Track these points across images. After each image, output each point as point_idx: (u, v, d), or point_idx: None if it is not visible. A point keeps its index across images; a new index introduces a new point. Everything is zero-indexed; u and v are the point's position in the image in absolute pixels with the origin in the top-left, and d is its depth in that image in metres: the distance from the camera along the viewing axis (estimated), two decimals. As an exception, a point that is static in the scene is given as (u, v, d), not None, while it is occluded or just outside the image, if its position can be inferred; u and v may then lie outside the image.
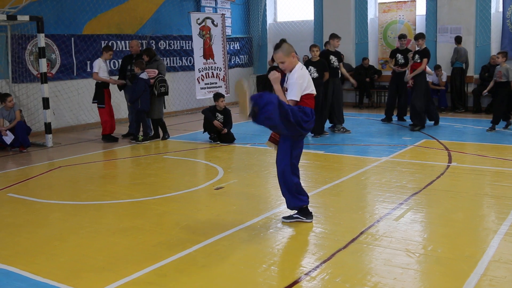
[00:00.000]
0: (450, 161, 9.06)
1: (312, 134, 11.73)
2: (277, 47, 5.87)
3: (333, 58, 12.18)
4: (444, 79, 15.83)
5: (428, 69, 12.99)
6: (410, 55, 13.23)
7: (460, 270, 4.71)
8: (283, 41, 5.92)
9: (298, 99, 5.78)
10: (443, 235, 5.69)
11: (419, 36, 12.54)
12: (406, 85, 13.17)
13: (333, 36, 12.34)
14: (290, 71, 5.88)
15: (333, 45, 12.35)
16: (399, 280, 4.54)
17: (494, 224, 5.95)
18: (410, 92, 13.01)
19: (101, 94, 12.02)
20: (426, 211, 6.56)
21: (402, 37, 14.15)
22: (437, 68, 15.81)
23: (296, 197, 6.12)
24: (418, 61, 12.44)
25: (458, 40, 15.32)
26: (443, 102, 15.81)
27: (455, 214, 6.35)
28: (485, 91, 13.02)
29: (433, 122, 13.18)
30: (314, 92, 5.94)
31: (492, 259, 4.93)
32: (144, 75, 11.66)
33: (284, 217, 6.28)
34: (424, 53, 12.44)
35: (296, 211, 6.23)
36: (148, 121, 12.15)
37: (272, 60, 14.03)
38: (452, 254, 5.10)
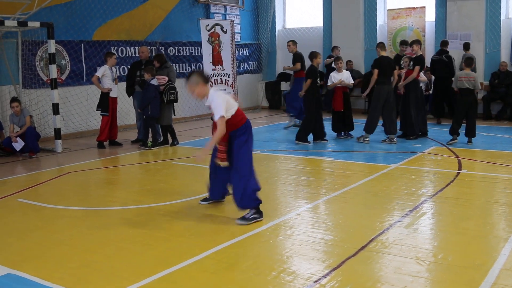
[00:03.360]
0: (460, 169, 9.02)
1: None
2: (186, 79, 6.42)
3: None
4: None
5: (422, 76, 12.76)
6: (405, 61, 12.66)
7: (471, 279, 4.68)
8: (191, 73, 6.40)
9: (224, 114, 6.19)
10: (454, 243, 5.66)
11: (413, 42, 12.39)
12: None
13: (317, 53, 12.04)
14: (206, 97, 6.35)
15: (316, 62, 11.91)
16: (409, 288, 4.52)
17: (505, 232, 5.91)
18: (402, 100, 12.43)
19: (106, 102, 12.06)
20: (436, 219, 6.54)
21: (403, 43, 13.95)
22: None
23: (252, 197, 6.41)
24: (411, 68, 12.16)
25: (466, 46, 15.24)
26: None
27: (465, 222, 6.31)
28: None
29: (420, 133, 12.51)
30: (236, 109, 6.41)
31: (503, 268, 4.89)
32: (154, 81, 11.68)
33: (238, 220, 6.42)
34: (417, 61, 12.12)
35: (252, 212, 6.45)
36: (157, 127, 12.17)
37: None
38: (463, 262, 5.07)
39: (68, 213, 7.11)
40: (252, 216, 6.43)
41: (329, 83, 12.60)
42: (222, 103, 6.21)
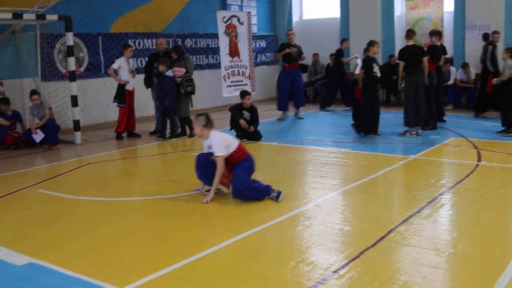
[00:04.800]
0: (479, 160, 8.96)
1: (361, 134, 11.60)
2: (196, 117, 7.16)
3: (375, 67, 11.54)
4: (472, 76, 15.63)
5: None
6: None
7: (490, 270, 4.66)
8: (201, 114, 7.19)
9: (224, 153, 6.89)
10: (473, 234, 5.63)
11: (432, 33, 12.32)
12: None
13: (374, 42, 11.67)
14: (207, 138, 7.08)
15: (372, 51, 11.53)
16: (428, 279, 4.50)
17: (525, 223, 5.89)
18: None
19: (122, 94, 12.12)
20: (455, 210, 6.51)
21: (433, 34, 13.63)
22: (464, 65, 15.61)
23: (262, 191, 6.95)
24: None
25: (485, 37, 15.08)
26: (472, 100, 15.60)
27: (484, 214, 6.28)
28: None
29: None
30: (236, 146, 7.05)
31: (524, 259, 4.87)
32: (169, 73, 11.72)
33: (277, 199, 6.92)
34: (428, 50, 12.09)
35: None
36: (175, 119, 12.23)
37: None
38: (482, 253, 5.05)
39: (88, 204, 7.18)
40: (278, 192, 6.96)
41: (356, 72, 12.61)
42: (220, 142, 6.93)
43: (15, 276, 4.83)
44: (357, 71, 12.55)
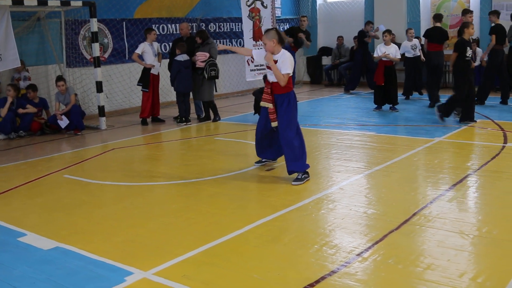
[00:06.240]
0: (505, 142, 8.84)
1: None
2: (265, 32, 7.13)
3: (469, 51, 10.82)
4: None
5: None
6: None
7: (516, 252, 4.62)
8: (270, 29, 7.20)
9: (291, 72, 6.88)
10: (499, 217, 5.57)
11: (489, 13, 12.50)
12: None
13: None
14: (277, 53, 6.94)
15: (468, 33, 10.78)
16: (453, 261, 4.47)
17: (552, 206, 5.80)
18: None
19: (146, 78, 12.17)
20: (481, 193, 6.44)
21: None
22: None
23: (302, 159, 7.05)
24: None
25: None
26: (498, 81, 15.34)
27: (510, 196, 6.20)
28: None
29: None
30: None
31: (550, 241, 4.81)
32: (180, 57, 11.76)
33: (293, 181, 7.00)
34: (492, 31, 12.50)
35: (302, 172, 7.07)
36: (199, 103, 12.28)
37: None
38: (508, 236, 5.00)
39: (113, 189, 7.25)
40: (303, 176, 7.03)
41: (375, 55, 12.54)
42: (291, 60, 6.90)
43: (42, 260, 4.90)
44: (375, 55, 12.41)
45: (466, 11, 12.47)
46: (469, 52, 10.57)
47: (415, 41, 14.70)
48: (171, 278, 4.37)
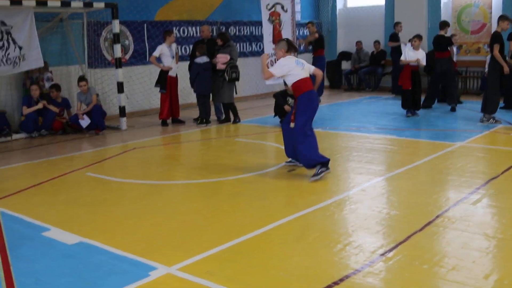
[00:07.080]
0: (528, 147, 8.77)
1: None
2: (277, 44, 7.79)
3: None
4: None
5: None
6: None
7: (542, 255, 4.57)
8: (282, 39, 8.01)
9: (276, 74, 7.35)
10: (524, 220, 5.52)
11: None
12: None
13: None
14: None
15: (502, 27, 11.18)
16: (477, 263, 4.44)
17: None
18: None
19: (164, 80, 12.22)
20: (505, 196, 6.37)
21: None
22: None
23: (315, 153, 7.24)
24: None
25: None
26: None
27: (535, 200, 6.15)
28: None
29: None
30: (302, 77, 7.32)
31: None
32: (199, 60, 11.81)
33: (311, 177, 7.12)
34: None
35: (319, 167, 7.16)
36: (219, 106, 12.32)
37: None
38: (534, 239, 4.96)
39: (134, 187, 7.28)
40: (320, 170, 7.13)
41: (402, 58, 12.37)
42: (280, 67, 7.33)
43: (65, 254, 4.93)
44: (403, 58, 12.29)
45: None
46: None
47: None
48: (195, 273, 4.37)
